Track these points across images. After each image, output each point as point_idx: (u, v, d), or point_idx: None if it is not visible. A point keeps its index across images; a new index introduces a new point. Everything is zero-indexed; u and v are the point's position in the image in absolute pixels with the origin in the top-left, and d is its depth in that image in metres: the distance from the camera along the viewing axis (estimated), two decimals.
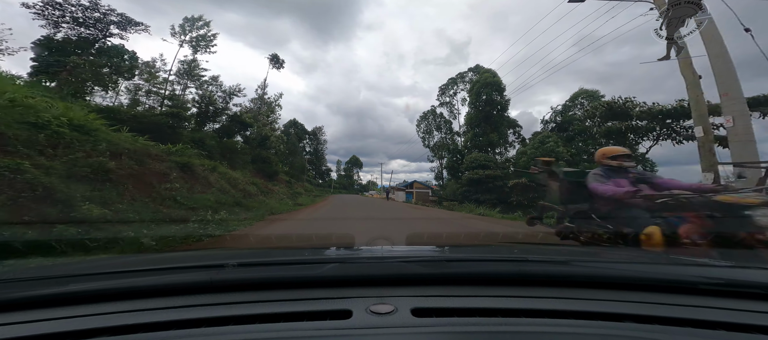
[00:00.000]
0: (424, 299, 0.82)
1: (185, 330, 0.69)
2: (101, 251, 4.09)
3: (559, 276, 0.96)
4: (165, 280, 0.91)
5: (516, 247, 1.79)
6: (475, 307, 0.79)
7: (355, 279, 0.94)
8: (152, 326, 0.70)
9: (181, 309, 0.77)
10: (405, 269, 1.01)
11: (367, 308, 0.75)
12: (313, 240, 5.22)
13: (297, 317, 0.74)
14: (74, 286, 0.86)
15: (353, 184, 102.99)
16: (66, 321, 0.71)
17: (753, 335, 0.70)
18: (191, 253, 2.19)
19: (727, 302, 0.83)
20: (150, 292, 0.84)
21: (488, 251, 1.48)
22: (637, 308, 0.78)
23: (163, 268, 1.06)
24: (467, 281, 0.94)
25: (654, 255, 1.46)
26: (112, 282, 0.89)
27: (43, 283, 0.89)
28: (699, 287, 0.88)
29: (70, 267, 1.09)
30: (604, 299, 0.84)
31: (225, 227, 7.14)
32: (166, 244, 4.94)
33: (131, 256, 2.38)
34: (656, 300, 0.83)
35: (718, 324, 0.73)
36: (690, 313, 0.77)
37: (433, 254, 1.37)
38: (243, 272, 0.98)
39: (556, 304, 0.81)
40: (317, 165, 76.38)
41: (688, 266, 1.12)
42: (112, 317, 0.73)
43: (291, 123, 60.17)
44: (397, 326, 0.70)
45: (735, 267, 1.08)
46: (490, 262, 1.13)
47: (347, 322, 0.71)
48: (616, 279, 0.94)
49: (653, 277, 0.96)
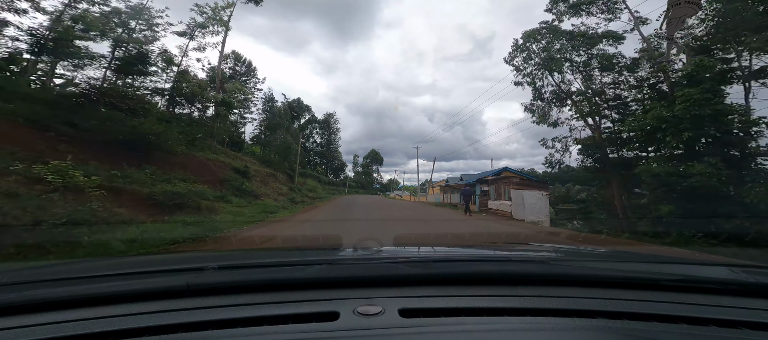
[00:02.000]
0: (411, 300, 0.82)
1: (160, 336, 0.67)
2: None
3: (541, 275, 1.01)
4: (139, 284, 0.89)
5: (500, 247, 1.82)
6: (462, 307, 0.80)
7: (342, 280, 0.94)
8: (124, 333, 0.67)
9: (155, 314, 0.75)
10: (392, 270, 1.01)
11: (354, 309, 0.76)
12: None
13: (282, 320, 0.73)
14: (38, 291, 0.82)
15: (372, 182, 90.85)
16: (40, 329, 0.68)
17: (717, 329, 0.74)
18: (169, 256, 2.17)
19: (688, 297, 0.88)
20: (122, 297, 0.81)
21: (474, 251, 1.48)
22: (613, 305, 0.82)
23: (137, 272, 1.03)
24: (454, 281, 0.95)
25: (633, 254, 1.51)
26: (81, 287, 0.85)
27: (18, 287, 0.85)
28: (660, 284, 0.95)
29: (34, 272, 1.03)
30: (581, 297, 0.87)
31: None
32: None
33: (103, 259, 2.30)
34: (626, 297, 0.87)
35: (679, 318, 0.78)
36: (654, 308, 0.81)
37: (420, 254, 1.38)
38: (224, 275, 0.96)
39: (537, 302, 0.84)
40: (329, 159, 65.68)
41: (652, 264, 1.18)
42: (80, 324, 0.70)
43: (275, 103, 40.84)
44: (384, 326, 0.70)
45: (693, 264, 1.14)
46: (476, 262, 1.16)
47: (334, 324, 0.71)
48: (593, 278, 0.98)
49: (631, 275, 1.00)
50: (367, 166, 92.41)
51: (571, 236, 7.50)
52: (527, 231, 9.42)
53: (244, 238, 6.72)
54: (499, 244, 2.10)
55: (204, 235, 6.60)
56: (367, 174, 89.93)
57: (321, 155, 62.83)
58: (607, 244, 6.40)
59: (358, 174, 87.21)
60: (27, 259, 4.22)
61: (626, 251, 1.50)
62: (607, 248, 2.85)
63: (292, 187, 25.52)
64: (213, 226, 7.81)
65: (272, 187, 21.01)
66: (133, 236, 5.78)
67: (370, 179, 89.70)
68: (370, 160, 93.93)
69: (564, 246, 1.81)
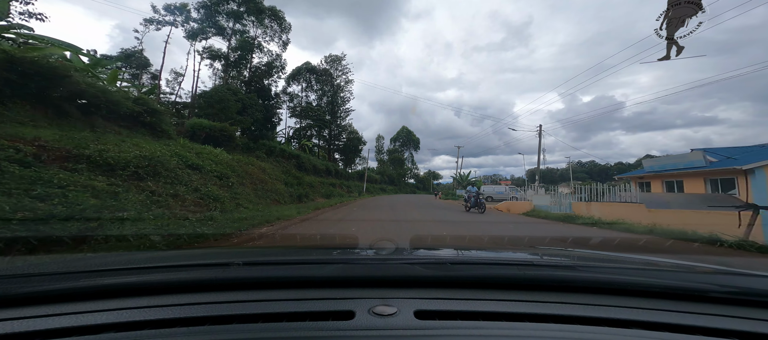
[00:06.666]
0: (427, 302, 0.82)
1: (189, 328, 0.70)
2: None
3: (566, 281, 0.96)
4: (171, 277, 0.93)
5: (522, 250, 1.76)
6: (479, 310, 0.79)
7: (358, 280, 0.94)
8: (158, 323, 0.71)
9: (186, 307, 0.78)
10: (408, 271, 1.00)
11: (369, 309, 0.76)
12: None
13: (300, 317, 0.75)
14: (83, 281, 0.86)
15: (405, 174, 64.50)
16: (73, 317, 0.72)
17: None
18: (197, 251, 2.17)
19: (739, 310, 0.82)
20: (156, 289, 0.85)
21: (494, 254, 1.45)
22: (646, 315, 0.78)
23: (169, 266, 1.07)
24: (471, 285, 0.94)
25: (663, 262, 1.42)
26: (119, 279, 0.89)
27: (53, 279, 0.89)
28: (710, 295, 0.88)
29: (73, 263, 1.09)
30: (611, 305, 0.83)
31: None
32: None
33: (137, 253, 2.45)
34: (666, 307, 0.82)
35: (730, 333, 0.73)
36: (700, 320, 0.77)
37: (437, 256, 1.35)
38: (248, 271, 0.98)
39: (561, 309, 0.81)
40: (333, 132, 38.97)
41: (698, 274, 1.11)
42: (118, 313, 0.74)
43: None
44: (399, 327, 0.70)
45: (747, 275, 1.05)
46: (495, 265, 1.13)
47: (349, 323, 0.72)
48: (624, 285, 0.93)
49: (662, 284, 0.93)
50: (396, 152, 65.22)
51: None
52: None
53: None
54: (521, 247, 1.94)
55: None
56: (398, 163, 63.33)
57: (321, 126, 36.31)
58: (646, 251, 5.98)
59: (383, 164, 62.18)
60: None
61: (666, 260, 1.40)
62: (646, 255, 2.66)
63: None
64: None
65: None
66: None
67: (402, 169, 64.11)
68: (401, 144, 66.14)
69: (594, 252, 1.75)
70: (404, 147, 65.71)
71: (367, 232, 7.51)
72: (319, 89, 38.35)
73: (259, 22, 27.24)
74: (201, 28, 24.90)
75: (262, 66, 27.47)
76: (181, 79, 28.73)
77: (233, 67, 26.15)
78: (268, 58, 27.87)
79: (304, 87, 37.73)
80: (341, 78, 39.47)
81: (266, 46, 27.94)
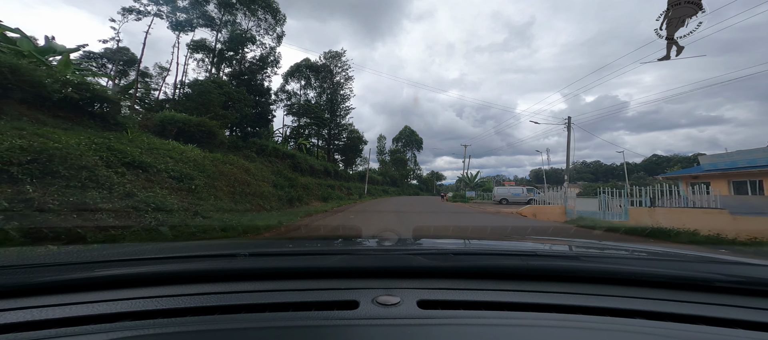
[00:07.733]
0: (430, 292, 0.83)
1: (199, 317, 0.71)
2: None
3: (569, 271, 0.96)
4: (181, 268, 0.94)
5: (525, 241, 1.77)
6: (482, 300, 0.79)
7: (362, 271, 0.95)
8: (170, 313, 0.73)
9: (196, 297, 0.80)
10: (411, 262, 1.01)
11: (373, 299, 0.77)
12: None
13: (305, 306, 0.76)
14: (98, 271, 0.88)
15: (407, 175, 64.41)
16: (90, 306, 0.74)
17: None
18: (205, 242, 2.23)
19: (744, 300, 0.81)
20: (167, 279, 0.87)
21: (496, 244, 1.47)
22: (649, 305, 0.78)
23: (179, 257, 1.08)
24: (474, 275, 0.94)
25: (665, 251, 1.41)
26: (131, 269, 0.91)
27: (66, 269, 0.91)
28: (714, 285, 0.87)
29: (89, 254, 1.11)
30: (614, 295, 0.83)
31: None
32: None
33: (147, 245, 2.47)
34: (669, 297, 0.82)
35: (735, 322, 0.72)
36: (704, 310, 0.76)
37: (439, 246, 1.35)
38: (254, 261, 1.00)
39: (563, 299, 0.81)
40: (332, 131, 37.61)
41: (702, 263, 1.10)
42: (130, 303, 0.76)
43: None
44: (402, 317, 0.71)
45: (751, 265, 1.03)
46: (498, 256, 1.14)
47: (354, 312, 0.73)
48: (627, 275, 0.92)
49: (666, 273, 0.92)
50: (398, 152, 64.12)
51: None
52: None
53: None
54: (524, 238, 2.07)
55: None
56: (400, 163, 62.41)
57: (316, 123, 33.92)
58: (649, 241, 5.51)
59: (385, 164, 61.10)
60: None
61: (670, 251, 1.39)
62: (648, 245, 2.53)
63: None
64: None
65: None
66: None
67: (405, 170, 63.53)
68: (403, 144, 64.78)
69: (598, 242, 1.75)
70: (407, 147, 65.41)
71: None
72: (318, 86, 37.03)
73: (252, 13, 25.28)
74: (187, 19, 22.41)
75: (255, 60, 25.87)
76: (165, 75, 26.62)
77: (225, 62, 24.66)
78: (262, 51, 26.06)
79: (303, 84, 36.18)
80: (341, 75, 38.04)
81: (260, 39, 26.00)
